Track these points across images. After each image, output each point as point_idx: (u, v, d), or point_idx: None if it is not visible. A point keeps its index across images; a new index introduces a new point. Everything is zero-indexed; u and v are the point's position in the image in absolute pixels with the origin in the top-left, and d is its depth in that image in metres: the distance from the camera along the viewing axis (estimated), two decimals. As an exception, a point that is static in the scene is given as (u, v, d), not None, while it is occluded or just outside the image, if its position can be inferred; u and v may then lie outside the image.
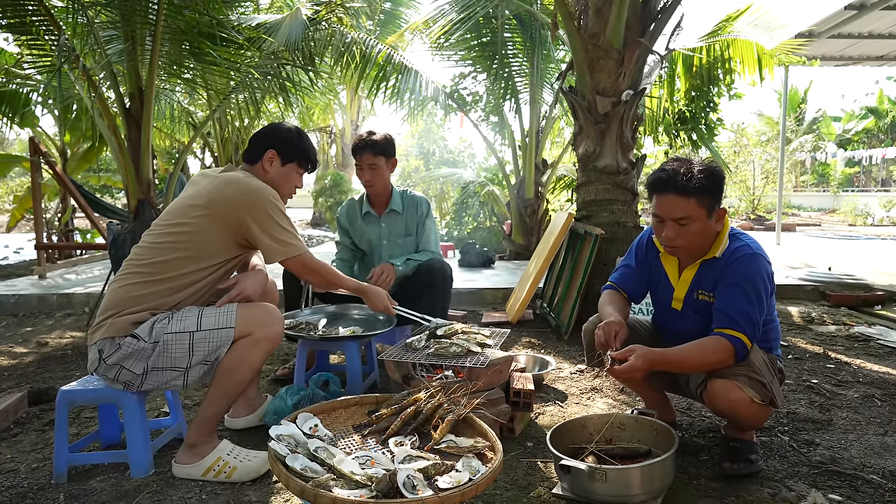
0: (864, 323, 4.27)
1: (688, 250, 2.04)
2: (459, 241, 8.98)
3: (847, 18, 7.48)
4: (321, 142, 18.03)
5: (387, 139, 3.07)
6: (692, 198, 1.91)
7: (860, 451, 2.15)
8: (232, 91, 6.18)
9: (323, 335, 2.60)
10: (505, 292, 5.19)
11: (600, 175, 4.20)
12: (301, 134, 2.27)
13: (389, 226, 3.21)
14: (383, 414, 1.77)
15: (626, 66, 4.19)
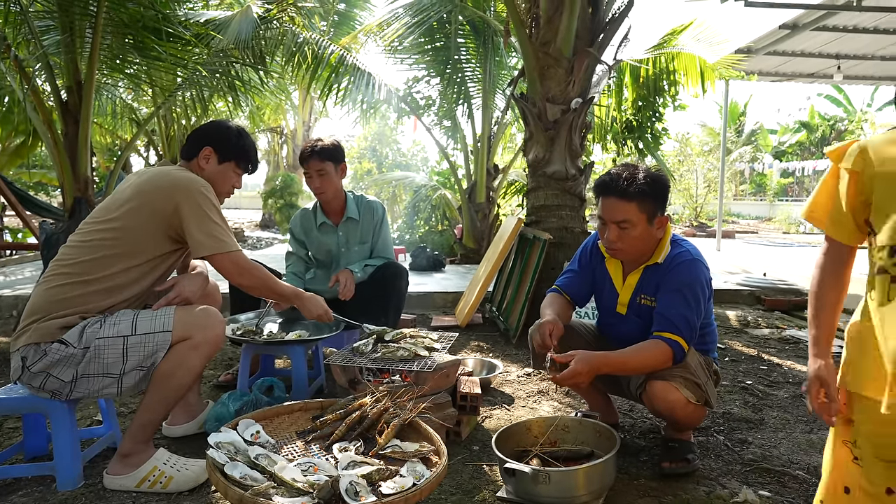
0: (794, 326, 4.48)
1: (629, 254, 2.10)
2: (411, 245, 8.97)
3: (782, 37, 7.87)
4: (272, 142, 17.71)
5: (334, 145, 3.03)
6: (633, 202, 1.98)
7: (788, 449, 2.26)
8: (178, 88, 6.00)
9: (268, 339, 2.55)
10: (455, 296, 5.21)
11: (549, 181, 4.27)
12: (242, 133, 2.21)
13: (347, 234, 3.16)
14: (328, 419, 1.75)
15: (575, 75, 4.28)
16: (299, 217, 3.25)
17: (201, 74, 5.64)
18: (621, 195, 1.98)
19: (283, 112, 15.05)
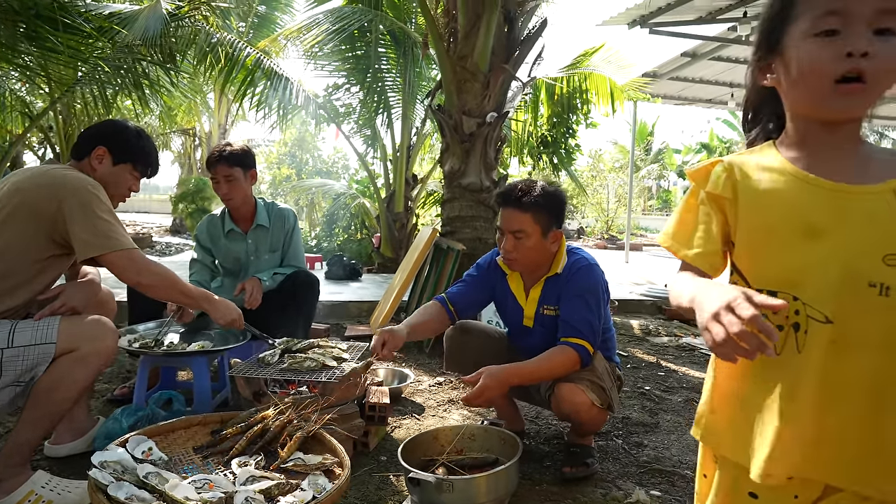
0: (691, 334, 4.78)
1: (523, 264, 2.18)
2: (329, 253, 8.84)
3: (683, 64, 8.43)
4: (185, 144, 16.95)
5: (243, 150, 2.95)
6: (528, 213, 2.08)
7: (679, 450, 2.40)
8: (77, 83, 5.63)
9: (168, 350, 2.43)
10: (370, 305, 5.17)
11: (464, 192, 4.35)
12: (141, 134, 2.11)
13: (256, 241, 3.06)
14: (228, 433, 1.69)
15: (491, 90, 4.39)
16: (206, 223, 3.13)
17: (103, 70, 5.32)
18: (517, 206, 2.09)
19: (197, 114, 14.45)
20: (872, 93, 0.88)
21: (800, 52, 0.90)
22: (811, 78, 0.90)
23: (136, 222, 17.41)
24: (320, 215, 11.34)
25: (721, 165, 1.01)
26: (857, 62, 0.85)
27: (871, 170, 0.92)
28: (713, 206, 1.01)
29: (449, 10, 4.57)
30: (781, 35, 0.94)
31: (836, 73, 0.87)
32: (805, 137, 0.97)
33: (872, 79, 0.86)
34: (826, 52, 0.87)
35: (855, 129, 0.95)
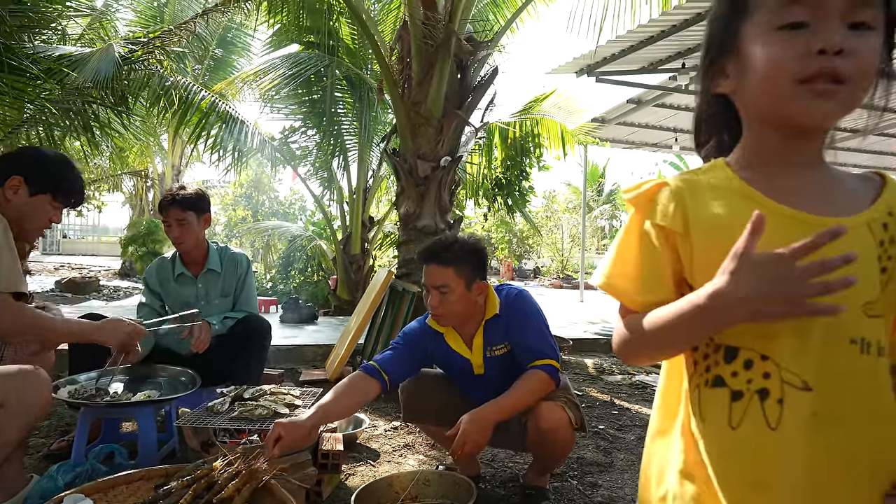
0: (643, 372, 4.87)
1: (450, 319, 2.20)
2: (284, 296, 8.70)
3: (629, 110, 8.83)
4: (137, 186, 16.58)
5: (197, 194, 2.93)
6: (450, 268, 2.11)
7: (633, 489, 2.43)
8: (23, 124, 5.50)
9: (111, 401, 2.34)
10: (326, 349, 5.10)
11: (420, 234, 4.40)
12: (64, 162, 2.03)
13: (207, 286, 3.01)
14: (172, 487, 1.63)
15: (445, 134, 4.50)
16: (156, 267, 3.07)
17: (51, 112, 5.22)
18: (438, 261, 2.13)
19: (150, 155, 14.22)
20: (850, 98, 0.72)
21: (760, 47, 0.75)
22: (774, 78, 0.74)
23: (81, 265, 16.81)
24: (276, 257, 11.20)
25: (667, 191, 0.82)
26: (830, 60, 0.70)
27: (838, 198, 0.79)
28: (661, 240, 0.82)
29: (403, 57, 4.70)
30: (737, 30, 0.78)
31: (805, 73, 0.71)
32: (763, 155, 0.81)
33: (850, 81, 0.71)
34: (792, 49, 0.72)
35: (819, 147, 0.81)
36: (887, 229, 0.77)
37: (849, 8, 0.71)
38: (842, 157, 9.97)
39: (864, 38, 0.71)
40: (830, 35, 0.70)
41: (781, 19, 0.73)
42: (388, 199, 10.23)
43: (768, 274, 0.66)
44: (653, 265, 0.83)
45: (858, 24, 0.72)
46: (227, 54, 11.16)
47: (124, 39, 5.87)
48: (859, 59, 0.71)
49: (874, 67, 0.73)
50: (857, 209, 0.77)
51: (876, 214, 0.77)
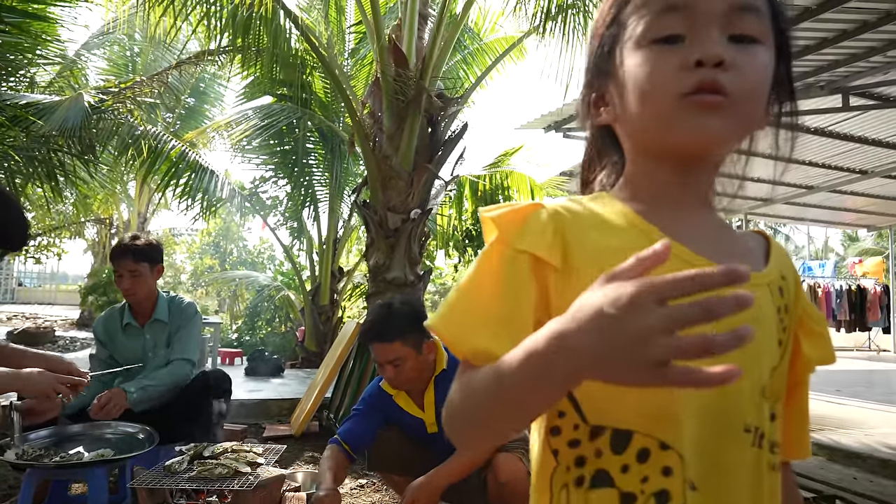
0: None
1: (412, 384, 2.20)
2: (251, 347, 8.52)
3: (596, 164, 9.07)
4: (100, 233, 16.26)
5: (150, 244, 2.87)
6: (395, 342, 2.11)
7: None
8: (-17, 171, 5.39)
9: (60, 462, 2.22)
10: (292, 403, 4.97)
11: (389, 286, 4.39)
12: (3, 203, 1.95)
13: (154, 337, 2.91)
14: (121, 555, 1.54)
15: (415, 187, 4.56)
16: (105, 317, 2.99)
17: (13, 159, 5.14)
18: (381, 339, 2.13)
19: (115, 202, 14.02)
20: (737, 114, 0.62)
21: (635, 65, 0.65)
22: (652, 96, 0.64)
23: (37, 315, 16.22)
24: (243, 307, 10.99)
25: (544, 214, 0.65)
26: (710, 73, 0.61)
27: (736, 249, 0.69)
28: (530, 273, 0.62)
29: (375, 112, 4.80)
30: (611, 51, 0.69)
31: (684, 87, 0.61)
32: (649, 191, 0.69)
33: (734, 95, 0.61)
34: (668, 61, 0.62)
35: (708, 183, 0.70)
36: (783, 295, 0.68)
37: (729, 18, 0.62)
38: (800, 212, 10.37)
39: (748, 50, 0.62)
40: (709, 46, 0.61)
41: (655, 32, 0.64)
42: (357, 250, 10.22)
43: (622, 310, 0.45)
44: (515, 303, 0.61)
45: (741, 36, 0.63)
46: (200, 104, 11.22)
47: (95, 89, 5.87)
48: (743, 72, 0.61)
49: (763, 83, 0.64)
50: (756, 267, 0.67)
51: (772, 276, 0.68)
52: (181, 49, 9.63)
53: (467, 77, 7.20)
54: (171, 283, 15.94)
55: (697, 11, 0.62)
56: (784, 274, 0.70)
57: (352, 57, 7.45)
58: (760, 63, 0.63)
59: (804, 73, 5.06)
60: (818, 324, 0.73)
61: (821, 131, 6.25)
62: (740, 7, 0.63)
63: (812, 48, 4.69)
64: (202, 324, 3.11)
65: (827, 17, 4.29)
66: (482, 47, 7.09)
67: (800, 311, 0.71)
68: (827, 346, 0.73)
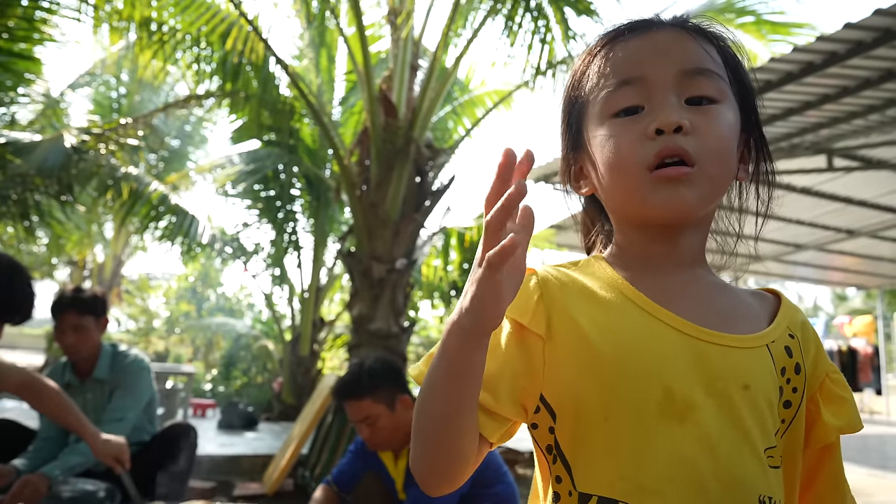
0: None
1: (388, 444, 2.13)
2: (225, 398, 8.18)
3: (583, 218, 9.12)
4: (73, 276, 15.87)
5: (95, 296, 2.66)
6: (365, 399, 2.06)
7: None
8: (-47, 210, 5.21)
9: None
10: (265, 459, 4.70)
11: (373, 338, 4.25)
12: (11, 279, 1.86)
13: (95, 396, 2.66)
14: None
15: (401, 237, 4.47)
16: (49, 373, 2.70)
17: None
18: (352, 397, 2.08)
19: (90, 243, 13.72)
20: (706, 179, 0.63)
21: (600, 140, 0.67)
22: (620, 170, 0.65)
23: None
24: (219, 356, 10.65)
25: (534, 279, 0.66)
26: (672, 140, 0.62)
27: (732, 310, 0.68)
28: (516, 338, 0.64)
29: (363, 160, 4.76)
30: (580, 125, 0.71)
31: (648, 159, 0.62)
32: (636, 257, 0.70)
33: (700, 160, 0.62)
34: (629, 133, 0.64)
35: (697, 244, 0.70)
36: (791, 355, 0.66)
37: (682, 82, 0.64)
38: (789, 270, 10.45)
39: (707, 111, 0.64)
40: (666, 113, 0.62)
41: (614, 106, 0.66)
42: (340, 299, 10.03)
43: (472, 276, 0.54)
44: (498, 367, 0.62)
45: (699, 98, 0.64)
46: (185, 146, 11.17)
47: (78, 129, 5.76)
48: (704, 134, 0.63)
49: (726, 140, 0.65)
50: (752, 327, 0.66)
51: (776, 335, 0.66)
52: (168, 91, 9.65)
53: (455, 128, 7.25)
54: (145, 329, 15.49)
55: (651, 81, 0.64)
56: (793, 332, 0.68)
57: (341, 105, 7.48)
58: (722, 122, 0.64)
59: (788, 133, 5.15)
60: (841, 388, 0.70)
61: (807, 191, 6.33)
62: (692, 71, 0.65)
63: (796, 110, 4.78)
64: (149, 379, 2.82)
65: (809, 82, 4.38)
66: (472, 99, 7.17)
67: (821, 375, 0.69)
68: (851, 412, 0.69)
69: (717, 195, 0.67)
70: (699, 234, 0.70)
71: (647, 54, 0.66)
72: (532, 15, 4.29)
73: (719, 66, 0.66)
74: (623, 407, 0.60)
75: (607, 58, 0.68)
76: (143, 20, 5.17)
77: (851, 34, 3.83)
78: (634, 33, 0.68)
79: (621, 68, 0.66)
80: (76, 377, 2.67)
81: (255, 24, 4.73)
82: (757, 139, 0.71)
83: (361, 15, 4.71)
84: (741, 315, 0.67)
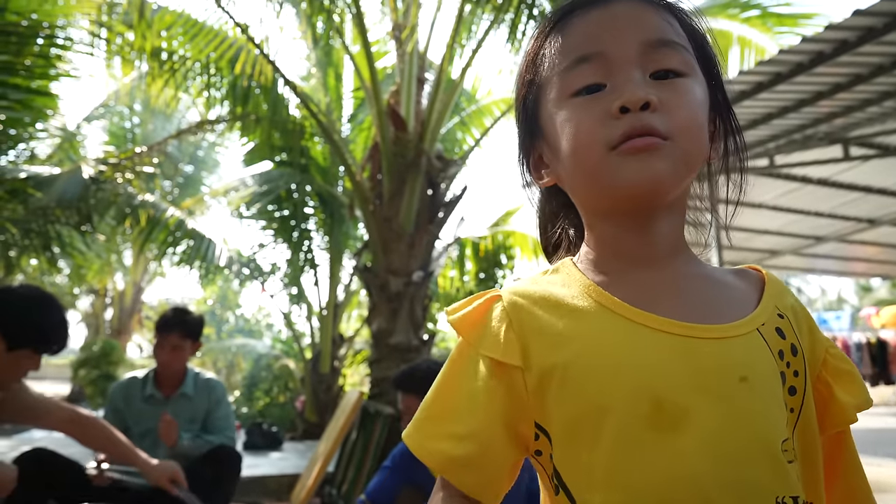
0: None
1: None
2: (248, 419, 8.20)
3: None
4: (94, 305, 16.08)
5: (198, 321, 2.89)
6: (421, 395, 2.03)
7: None
8: (-22, 244, 5.32)
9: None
10: (292, 479, 4.69)
11: (393, 352, 4.23)
12: (44, 313, 1.88)
13: (176, 410, 2.81)
14: None
15: (416, 249, 4.48)
16: (124, 385, 2.91)
17: (10, 232, 5.07)
18: (407, 390, 2.13)
19: (110, 271, 13.90)
20: (676, 153, 0.57)
21: (559, 122, 0.61)
22: (582, 153, 0.59)
23: (30, 391, 15.76)
24: (241, 377, 10.70)
25: (499, 307, 0.61)
26: (638, 118, 0.56)
27: (713, 297, 0.62)
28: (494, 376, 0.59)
29: (374, 175, 4.78)
30: (537, 109, 0.65)
31: (612, 138, 0.57)
32: (609, 251, 0.64)
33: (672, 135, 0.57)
34: (591, 112, 0.58)
35: (673, 232, 0.63)
36: (784, 336, 0.60)
37: (647, 55, 0.58)
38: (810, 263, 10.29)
39: (674, 85, 0.58)
40: (631, 89, 0.57)
41: (572, 85, 0.60)
42: (359, 315, 10.05)
43: None
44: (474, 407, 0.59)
45: (665, 71, 0.59)
46: (198, 171, 11.32)
47: (95, 160, 5.87)
48: (673, 109, 0.57)
49: (698, 115, 0.59)
50: (740, 312, 0.60)
51: (765, 317, 0.60)
52: (181, 118, 9.80)
53: (465, 139, 7.26)
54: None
55: (611, 57, 0.59)
56: (782, 311, 0.62)
57: (350, 122, 7.54)
58: (691, 96, 0.59)
59: (802, 125, 5.09)
60: (845, 363, 0.64)
61: (824, 181, 6.23)
62: (656, 42, 0.59)
63: (808, 101, 4.72)
64: None
65: (820, 72, 4.33)
66: (479, 109, 7.20)
67: (821, 352, 0.63)
68: (861, 388, 0.64)
69: (691, 172, 0.60)
70: (674, 221, 0.63)
71: (605, 27, 0.60)
72: (536, 21, 4.30)
73: (683, 39, 0.61)
74: (611, 427, 0.54)
75: (563, 33, 0.63)
76: (153, 50, 5.27)
77: (861, 21, 3.78)
78: (591, 6, 0.62)
79: (579, 44, 0.61)
80: (160, 391, 2.82)
81: (263, 47, 4.79)
82: (725, 116, 0.66)
83: (366, 32, 4.76)
84: (727, 301, 0.61)
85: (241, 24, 4.67)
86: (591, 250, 0.65)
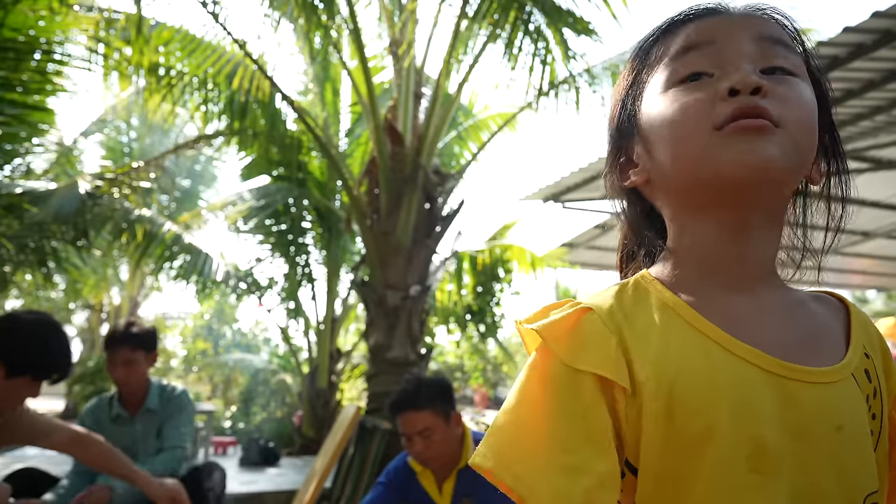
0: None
1: (440, 459, 2.12)
2: (245, 434, 8.13)
3: (597, 235, 9.09)
4: (90, 320, 15.98)
5: (148, 332, 2.78)
6: (426, 409, 2.08)
7: None
8: (-28, 260, 5.29)
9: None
10: (289, 495, 4.65)
11: (390, 367, 4.21)
12: (47, 339, 1.86)
13: (145, 427, 2.77)
14: None
15: (414, 264, 4.47)
16: (92, 408, 2.83)
17: (6, 248, 5.05)
18: (413, 407, 2.09)
19: (106, 286, 13.84)
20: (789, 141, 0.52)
21: (661, 110, 0.57)
22: (683, 133, 0.55)
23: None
24: (238, 392, 10.62)
25: (596, 321, 0.55)
26: (749, 99, 0.52)
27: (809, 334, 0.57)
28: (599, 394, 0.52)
29: (371, 189, 4.78)
30: (636, 109, 0.62)
31: (718, 118, 0.53)
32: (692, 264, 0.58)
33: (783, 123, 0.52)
34: (696, 96, 0.55)
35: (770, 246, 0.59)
36: (870, 379, 0.56)
37: (759, 50, 0.55)
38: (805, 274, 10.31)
39: (787, 80, 0.55)
40: (742, 73, 0.53)
41: (679, 72, 0.57)
42: (356, 329, 10.01)
43: None
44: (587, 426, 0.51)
45: (776, 68, 0.55)
46: (195, 185, 11.32)
47: (91, 175, 5.87)
48: (786, 100, 0.53)
49: (811, 114, 0.55)
50: (834, 352, 0.56)
51: (857, 360, 0.56)
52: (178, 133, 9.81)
53: (462, 153, 7.29)
54: (162, 369, 15.53)
55: (723, 46, 0.56)
56: (868, 350, 0.58)
57: (348, 136, 7.56)
58: (804, 95, 0.55)
59: (796, 139, 5.13)
60: None
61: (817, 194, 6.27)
62: (771, 39, 0.56)
63: (801, 115, 4.76)
64: (195, 412, 2.96)
65: (813, 86, 4.38)
66: (476, 123, 7.23)
67: (894, 388, 0.60)
68: None
69: (801, 168, 0.55)
70: (771, 237, 0.58)
71: (720, 24, 0.58)
72: (531, 37, 4.33)
73: (797, 47, 0.59)
74: (708, 465, 0.50)
75: (674, 34, 0.60)
76: (151, 66, 5.29)
77: (851, 38, 3.83)
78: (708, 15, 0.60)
79: (689, 36, 0.58)
80: (125, 409, 2.75)
81: (261, 63, 4.81)
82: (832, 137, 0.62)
83: (363, 48, 4.78)
84: (820, 338, 0.57)
85: (238, 40, 4.69)
86: (675, 265, 0.60)
